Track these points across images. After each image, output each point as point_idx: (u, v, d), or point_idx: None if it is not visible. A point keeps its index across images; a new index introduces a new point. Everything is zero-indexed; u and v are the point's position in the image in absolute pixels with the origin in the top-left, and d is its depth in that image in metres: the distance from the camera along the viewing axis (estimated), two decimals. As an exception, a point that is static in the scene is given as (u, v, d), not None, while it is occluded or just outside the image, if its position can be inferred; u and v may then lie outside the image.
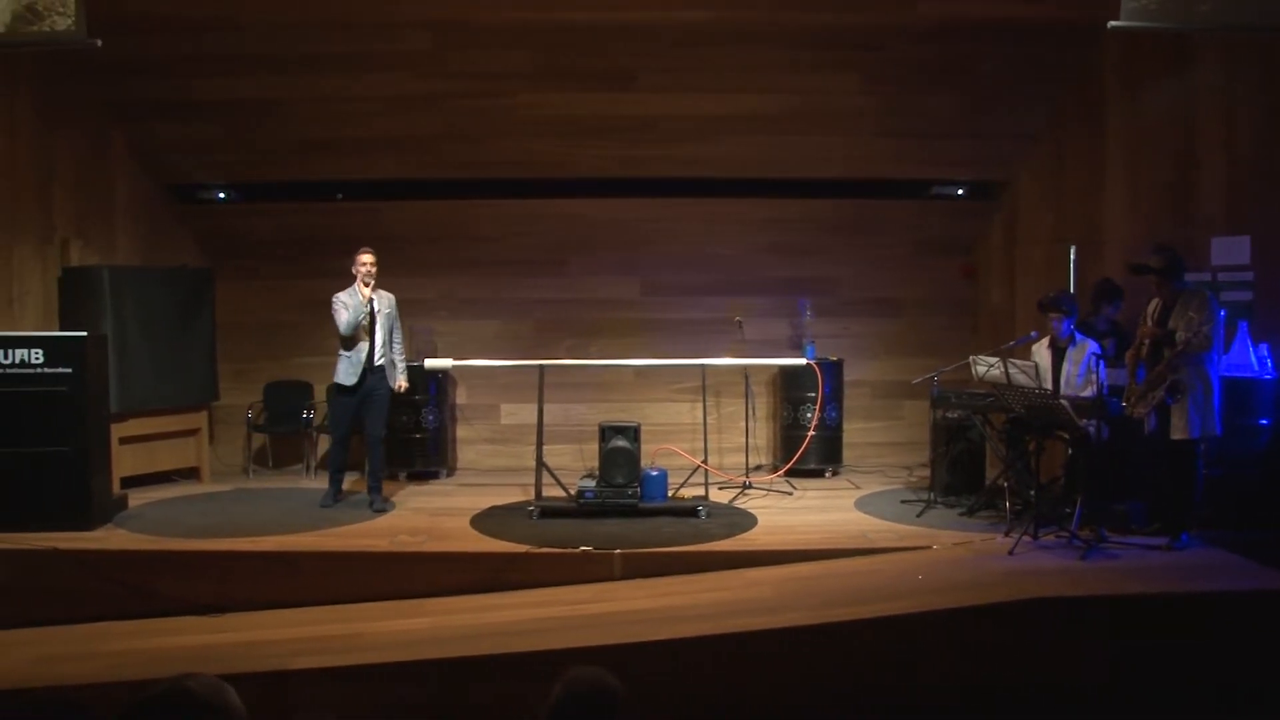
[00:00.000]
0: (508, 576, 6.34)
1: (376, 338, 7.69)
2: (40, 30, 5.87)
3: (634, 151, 9.13)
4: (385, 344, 7.74)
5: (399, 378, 7.89)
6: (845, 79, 8.49)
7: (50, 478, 7.05)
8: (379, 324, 7.71)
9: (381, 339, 7.71)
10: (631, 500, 7.47)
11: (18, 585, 6.39)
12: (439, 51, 8.37)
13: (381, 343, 7.71)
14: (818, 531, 7.11)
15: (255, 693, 4.43)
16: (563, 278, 9.86)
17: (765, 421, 9.77)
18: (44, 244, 8.50)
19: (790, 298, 9.66)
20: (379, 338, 7.70)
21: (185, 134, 9.13)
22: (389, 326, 7.79)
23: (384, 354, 7.74)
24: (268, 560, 6.52)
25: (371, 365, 7.69)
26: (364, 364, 7.66)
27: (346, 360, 7.69)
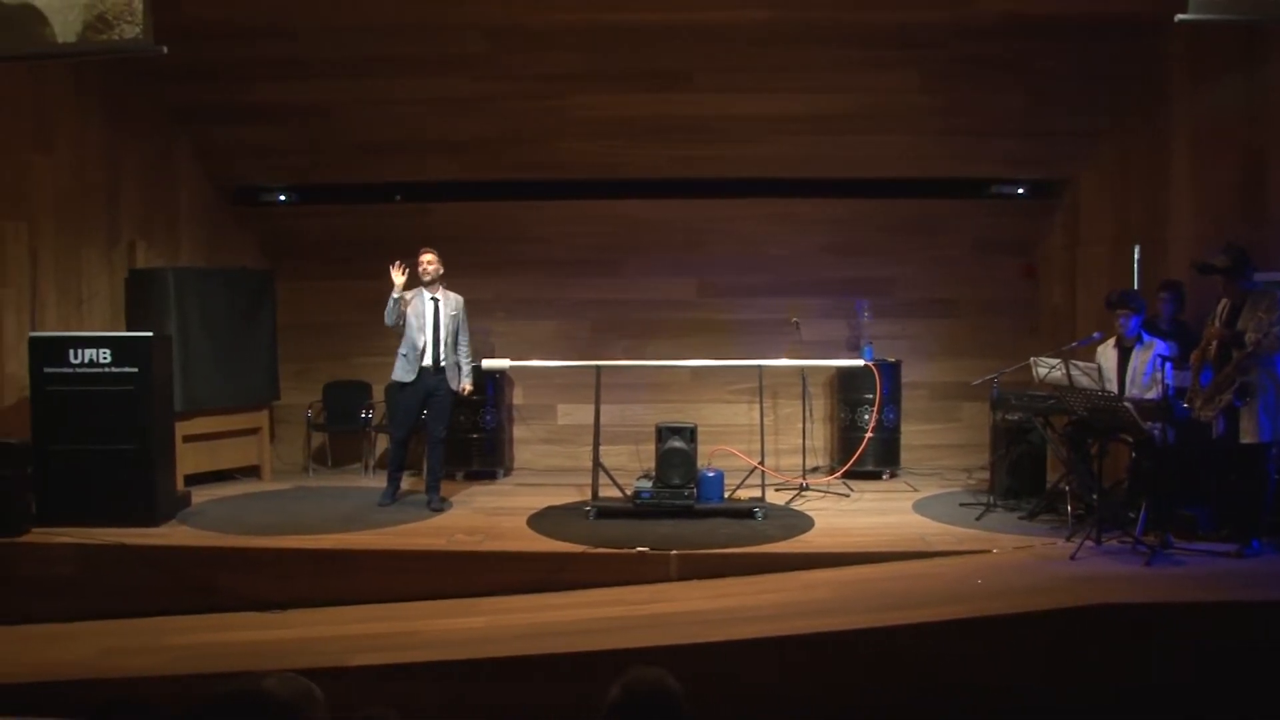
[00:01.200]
0: (564, 576, 6.36)
1: (440, 338, 7.71)
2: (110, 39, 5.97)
3: (689, 152, 9.10)
4: (449, 345, 7.76)
5: (463, 380, 7.91)
6: (904, 77, 8.41)
7: (117, 475, 7.17)
8: (442, 325, 7.72)
9: (445, 340, 7.73)
10: (688, 501, 7.45)
11: (85, 579, 6.56)
12: (493, 54, 8.40)
13: (444, 343, 7.73)
14: (875, 534, 7.05)
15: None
16: (618, 278, 9.86)
17: (822, 423, 9.69)
18: (111, 247, 8.68)
19: (847, 298, 9.58)
20: (441, 338, 7.72)
21: (246, 138, 9.28)
22: (453, 329, 7.81)
23: (447, 355, 7.75)
24: (327, 558, 6.60)
25: (434, 365, 7.70)
26: (420, 362, 7.67)
27: (403, 358, 7.74)
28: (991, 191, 9.41)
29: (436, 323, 7.73)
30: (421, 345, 7.70)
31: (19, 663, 5.57)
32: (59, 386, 7.22)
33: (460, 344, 7.89)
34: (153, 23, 6.21)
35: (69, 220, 8.24)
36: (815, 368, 9.19)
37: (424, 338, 7.70)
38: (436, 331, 7.72)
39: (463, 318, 7.93)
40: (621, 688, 2.50)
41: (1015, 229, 9.61)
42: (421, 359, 7.69)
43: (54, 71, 7.90)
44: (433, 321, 7.72)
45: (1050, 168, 9.18)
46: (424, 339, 7.70)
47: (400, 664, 5.26)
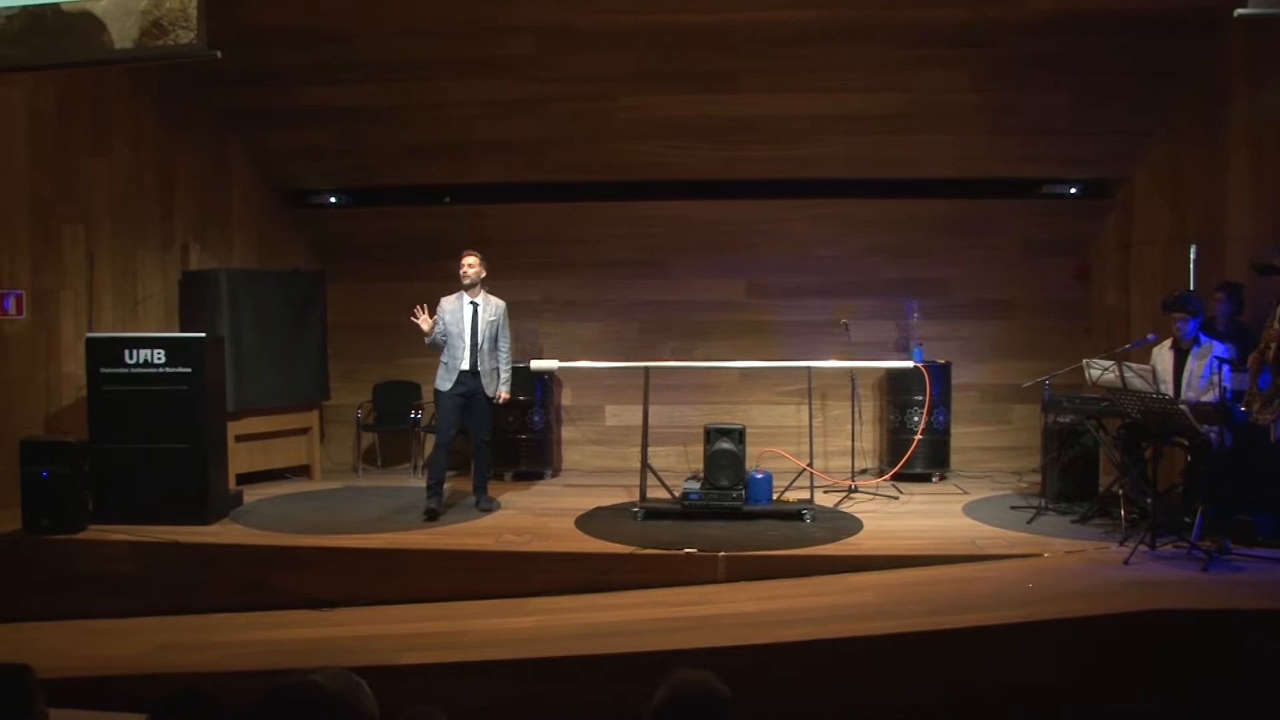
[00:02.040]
0: (612, 577, 6.37)
1: (478, 343, 7.64)
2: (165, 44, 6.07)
3: (737, 153, 9.09)
4: (486, 351, 7.68)
5: (500, 388, 7.79)
6: (952, 76, 8.34)
7: (171, 474, 7.27)
8: (480, 330, 7.68)
9: (482, 345, 7.66)
10: (736, 503, 7.44)
11: (141, 576, 6.67)
12: (542, 56, 8.44)
13: (481, 349, 7.65)
14: (924, 537, 7.00)
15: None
16: (666, 279, 9.87)
17: (871, 425, 9.64)
18: (165, 249, 8.84)
19: (897, 299, 9.51)
20: (479, 343, 7.66)
21: (298, 141, 9.39)
22: (491, 334, 7.72)
23: (484, 361, 7.67)
24: (376, 557, 6.66)
25: (471, 370, 7.65)
26: (458, 368, 7.62)
27: (443, 365, 7.70)
28: (1043, 191, 9.31)
29: (475, 328, 7.67)
30: (460, 351, 7.65)
31: (78, 657, 5.68)
32: (115, 386, 7.33)
33: (500, 349, 7.78)
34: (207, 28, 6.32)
35: (125, 223, 8.41)
36: (864, 369, 9.14)
37: (462, 343, 7.63)
38: (474, 336, 7.65)
39: (503, 323, 7.82)
40: (668, 689, 2.50)
41: (1067, 229, 9.50)
42: (460, 364, 7.65)
43: (112, 77, 8.07)
44: (470, 326, 7.66)
45: (1103, 167, 9.07)
46: (462, 344, 7.63)
47: (450, 663, 5.30)
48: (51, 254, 7.89)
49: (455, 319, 7.66)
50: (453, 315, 7.67)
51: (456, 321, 7.66)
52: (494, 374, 7.76)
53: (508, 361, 7.86)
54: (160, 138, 8.73)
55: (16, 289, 7.65)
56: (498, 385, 7.79)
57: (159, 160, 8.75)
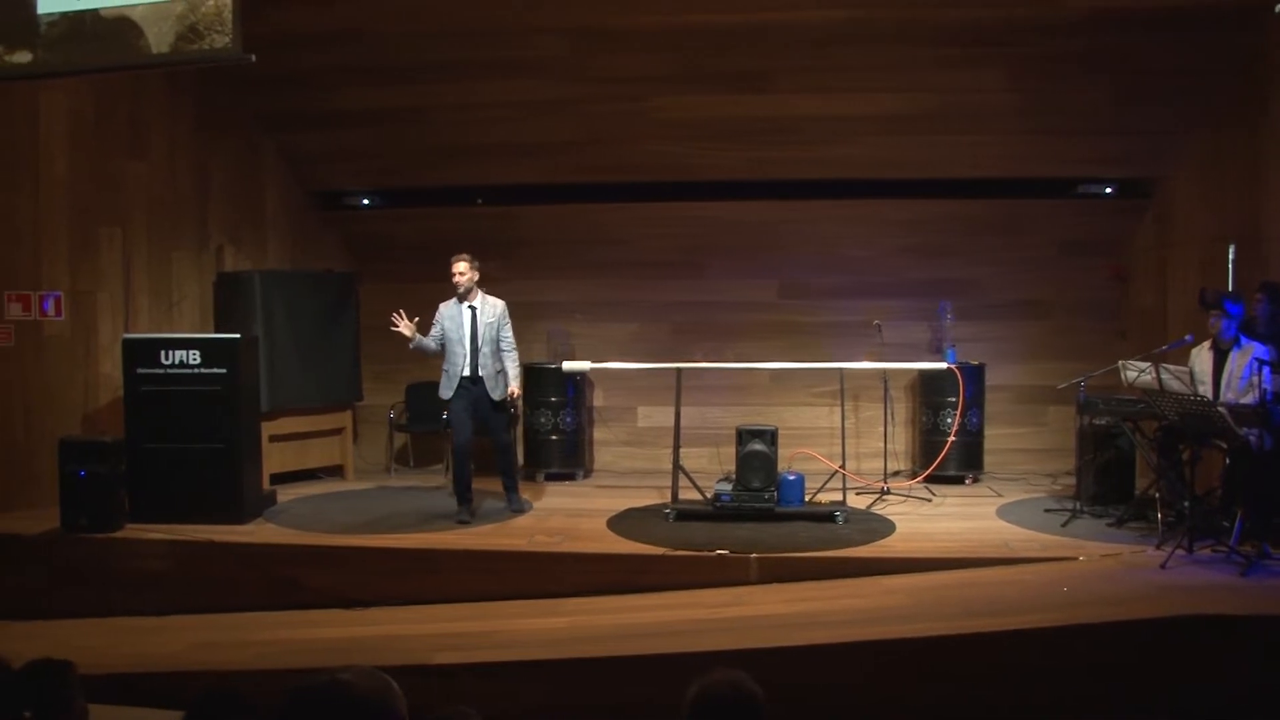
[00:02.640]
0: (644, 578, 6.37)
1: (477, 347, 7.48)
2: (201, 48, 6.12)
3: (770, 153, 9.08)
4: (488, 355, 7.50)
5: (511, 383, 7.61)
6: (987, 75, 8.30)
7: (206, 473, 7.34)
8: (480, 333, 7.50)
9: (482, 349, 7.48)
10: (768, 504, 7.42)
11: (177, 575, 6.75)
12: (574, 57, 8.46)
13: (482, 353, 7.48)
14: (957, 539, 6.96)
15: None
16: (699, 280, 9.85)
17: (904, 426, 9.60)
18: (201, 250, 8.94)
19: (930, 300, 9.47)
20: (479, 347, 7.48)
21: (331, 143, 9.46)
22: (492, 336, 7.53)
23: (485, 365, 7.48)
24: (409, 557, 6.70)
25: (472, 375, 7.48)
26: (460, 374, 7.48)
27: (444, 373, 7.57)
28: (1078, 191, 9.25)
29: (474, 331, 7.51)
30: (459, 357, 7.49)
31: (114, 654, 5.74)
32: (151, 387, 7.41)
33: (504, 349, 7.59)
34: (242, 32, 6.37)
35: (161, 225, 8.53)
36: (897, 370, 9.10)
37: (462, 350, 7.48)
38: (474, 340, 7.49)
39: (503, 322, 7.61)
40: (701, 689, 2.51)
41: (1103, 229, 9.42)
42: (460, 370, 7.49)
43: (148, 81, 8.17)
44: (470, 330, 7.51)
45: (1140, 166, 8.99)
46: (462, 351, 7.48)
47: (482, 663, 5.32)
48: (89, 256, 8.01)
49: (454, 325, 7.52)
50: (451, 321, 7.54)
51: (456, 327, 7.52)
52: (498, 377, 7.56)
53: (514, 360, 7.68)
54: (195, 141, 8.84)
55: (55, 290, 7.77)
56: (506, 386, 7.61)
57: (194, 163, 8.86)
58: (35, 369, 7.72)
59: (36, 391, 7.72)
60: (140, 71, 7.31)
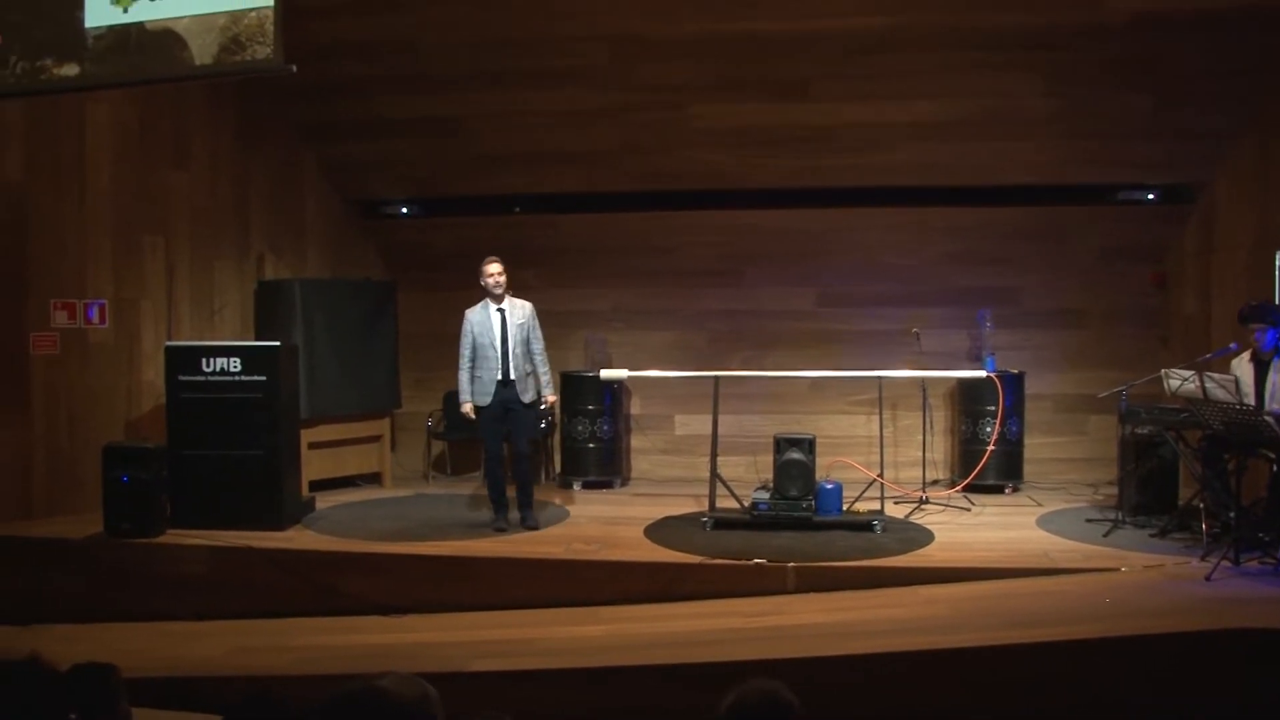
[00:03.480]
0: (681, 587, 6.36)
1: (509, 349, 7.45)
2: (243, 60, 6.19)
3: (809, 161, 9.06)
4: (520, 356, 7.48)
5: (545, 390, 7.64)
6: (1027, 81, 8.25)
7: (245, 480, 7.41)
8: (510, 336, 7.47)
9: (514, 351, 7.46)
10: (806, 513, 7.39)
11: (216, 580, 6.81)
12: (614, 65, 8.50)
13: (513, 354, 7.45)
14: (997, 549, 6.91)
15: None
16: (737, 289, 9.84)
17: (943, 435, 9.55)
18: (241, 259, 9.06)
19: (969, 308, 9.39)
20: (510, 349, 7.46)
21: (370, 152, 9.55)
22: (523, 338, 7.51)
23: (518, 367, 7.47)
24: (446, 564, 6.73)
25: (504, 379, 7.44)
26: (494, 379, 7.45)
27: (476, 379, 7.49)
28: (1119, 197, 9.16)
29: (505, 334, 7.48)
30: (492, 361, 7.45)
31: (154, 658, 5.80)
32: (192, 394, 7.50)
33: (534, 352, 7.56)
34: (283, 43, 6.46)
35: (203, 234, 8.65)
36: (936, 379, 9.03)
37: (494, 353, 7.45)
38: (505, 343, 7.46)
39: (533, 325, 7.58)
40: (737, 698, 2.50)
41: (1145, 235, 9.33)
42: (494, 374, 7.44)
43: (191, 92, 8.28)
44: (500, 333, 7.47)
45: (1183, 171, 8.88)
46: (494, 354, 7.45)
47: (520, 670, 5.33)
48: (133, 265, 8.14)
49: (484, 329, 7.49)
50: (480, 326, 7.51)
51: (485, 331, 7.48)
52: (529, 379, 7.53)
53: (545, 362, 7.64)
54: (237, 151, 8.96)
55: (100, 299, 7.89)
56: (539, 389, 7.61)
57: (235, 173, 8.98)
58: (80, 376, 7.84)
59: (81, 398, 7.84)
60: (184, 83, 7.43)
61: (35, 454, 7.63)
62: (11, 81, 5.86)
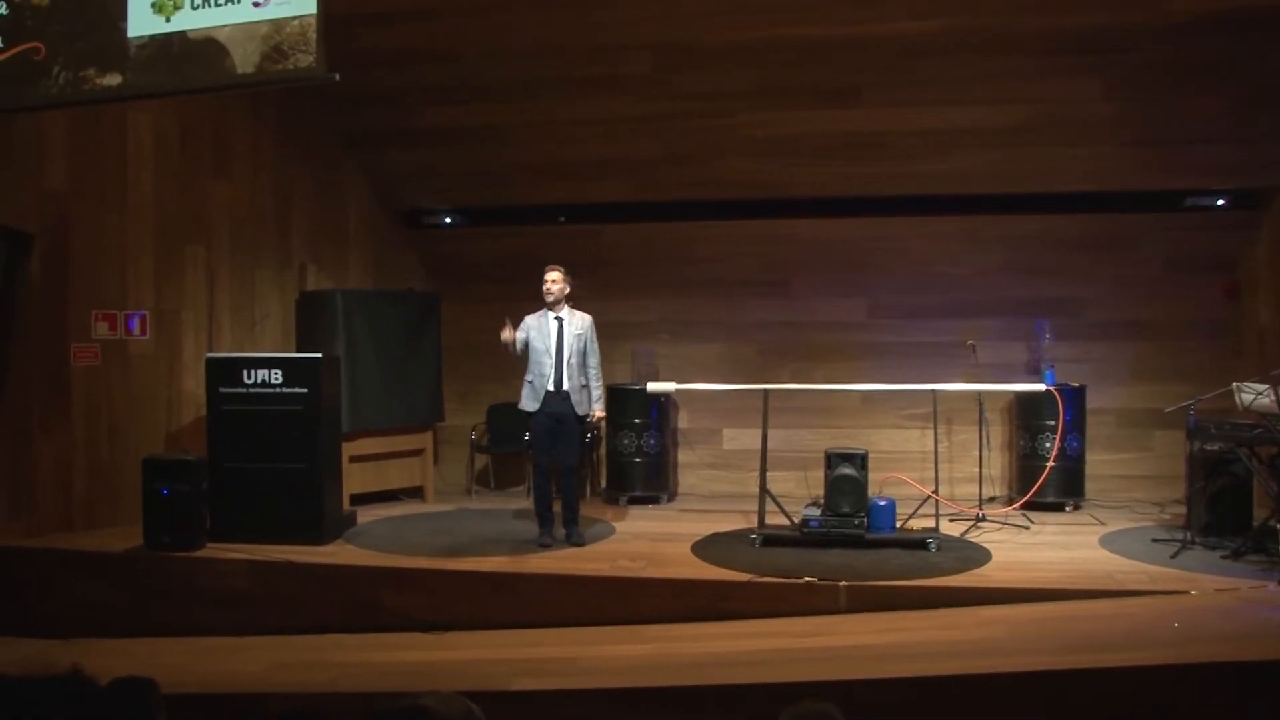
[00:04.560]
0: (729, 605, 6.33)
1: (564, 359, 7.49)
2: (285, 68, 6.24)
3: (859, 169, 9.02)
4: (574, 367, 7.51)
5: (594, 405, 7.66)
6: (1086, 85, 8.15)
7: (287, 493, 7.46)
8: (566, 345, 7.51)
9: (568, 361, 7.50)
10: (858, 530, 7.34)
11: (256, 594, 6.87)
12: (659, 73, 8.50)
13: (568, 365, 7.49)
14: (1058, 570, 6.80)
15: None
16: (786, 300, 9.80)
17: (1000, 451, 9.42)
18: (283, 269, 9.15)
19: (1027, 319, 9.29)
20: (565, 359, 7.50)
21: (413, 161, 9.63)
22: (580, 349, 7.55)
23: (571, 378, 7.51)
24: (489, 580, 6.73)
25: (557, 389, 7.49)
26: (545, 387, 7.49)
27: (527, 385, 7.56)
28: (1186, 204, 9.01)
29: (560, 343, 7.53)
30: (546, 369, 7.49)
31: (194, 673, 5.85)
32: (233, 406, 7.57)
33: (589, 365, 7.60)
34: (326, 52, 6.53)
35: (244, 244, 8.75)
36: (993, 392, 8.93)
37: (548, 360, 7.50)
38: (561, 352, 7.51)
39: (590, 337, 7.63)
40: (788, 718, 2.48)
41: (1214, 243, 9.16)
42: (546, 383, 7.49)
43: (232, 101, 8.40)
44: (556, 342, 7.52)
45: (1254, 175, 8.70)
46: (548, 362, 7.50)
47: (562, 690, 5.31)
48: (174, 275, 8.24)
49: (540, 335, 7.53)
50: (538, 332, 7.54)
51: (542, 338, 7.52)
52: (583, 392, 7.57)
53: (598, 377, 7.68)
54: (278, 160, 9.06)
55: (141, 309, 8.00)
56: (590, 403, 7.64)
57: (277, 182, 9.08)
58: (121, 387, 7.95)
59: (121, 410, 7.95)
60: (225, 92, 7.53)
61: (76, 466, 7.74)
62: (55, 92, 5.94)
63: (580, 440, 7.89)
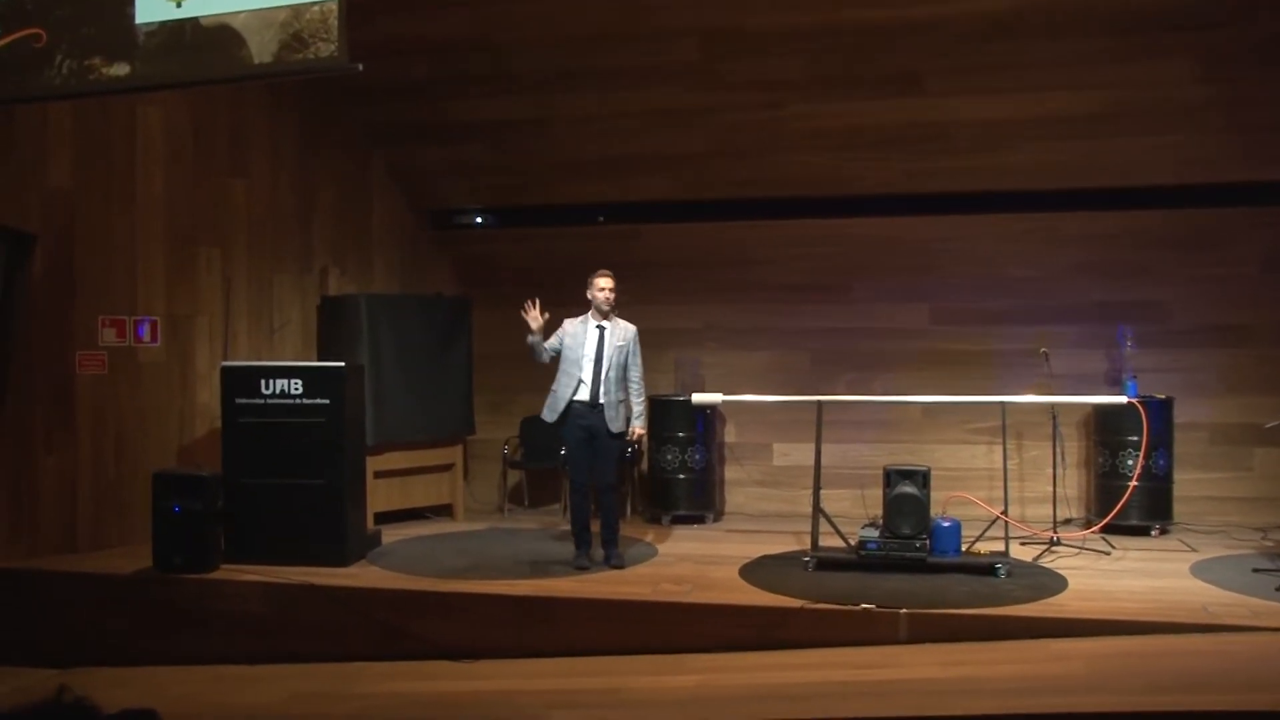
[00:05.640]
0: (780, 633, 6.27)
1: (602, 371, 7.45)
2: (305, 58, 6.26)
3: (922, 164, 8.96)
4: (612, 380, 7.47)
5: (635, 422, 7.63)
6: (1175, 66, 8.00)
7: (307, 511, 7.46)
8: (606, 356, 7.47)
9: (606, 374, 7.45)
10: (919, 554, 7.26)
11: (273, 620, 6.87)
12: (708, 62, 8.49)
13: (605, 378, 7.45)
14: (1143, 600, 6.63)
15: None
16: (842, 305, 9.74)
17: (1076, 468, 9.29)
18: (303, 273, 9.21)
19: (1107, 325, 9.14)
20: (604, 372, 7.45)
21: (444, 158, 9.69)
22: (621, 361, 7.51)
23: (608, 391, 7.45)
24: (523, 605, 6.70)
25: (591, 401, 7.45)
26: (571, 397, 7.45)
27: (551, 393, 7.55)
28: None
29: (600, 353, 7.47)
30: (574, 378, 7.46)
31: (206, 703, 5.90)
32: (250, 418, 7.58)
33: (631, 379, 7.58)
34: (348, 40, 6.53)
35: (262, 245, 8.81)
36: (1068, 405, 8.81)
37: (584, 370, 7.46)
38: (599, 363, 7.45)
39: (634, 349, 7.60)
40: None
41: (1319, 241, 8.98)
42: (575, 394, 7.45)
43: (250, 93, 8.46)
44: (596, 351, 7.46)
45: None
46: (583, 371, 7.47)
47: (601, 724, 5.30)
48: (186, 278, 8.30)
49: (576, 343, 7.50)
50: (574, 339, 7.51)
51: (578, 345, 7.49)
52: (620, 407, 7.52)
53: (640, 392, 7.67)
54: (299, 156, 9.12)
55: (151, 315, 8.07)
56: (629, 420, 7.61)
57: (298, 180, 9.13)
58: (129, 398, 8.00)
59: (130, 422, 8.00)
60: (242, 83, 7.56)
61: (81, 482, 7.79)
62: (58, 82, 5.98)
63: (619, 457, 7.83)
